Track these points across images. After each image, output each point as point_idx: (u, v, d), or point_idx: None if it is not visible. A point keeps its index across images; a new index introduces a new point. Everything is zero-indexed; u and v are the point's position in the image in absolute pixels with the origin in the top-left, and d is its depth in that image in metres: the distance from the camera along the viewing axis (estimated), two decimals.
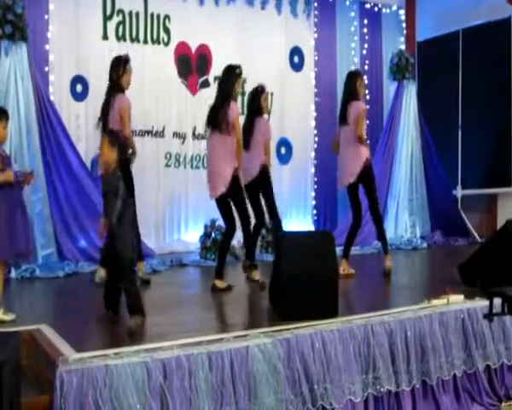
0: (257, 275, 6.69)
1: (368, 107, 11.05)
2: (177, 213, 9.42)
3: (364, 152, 7.14)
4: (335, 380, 4.27)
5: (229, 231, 6.36)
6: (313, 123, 10.67)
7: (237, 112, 6.31)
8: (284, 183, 10.29)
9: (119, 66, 6.73)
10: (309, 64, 10.60)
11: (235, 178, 6.25)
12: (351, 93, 7.24)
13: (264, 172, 6.84)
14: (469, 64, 11.26)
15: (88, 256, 7.71)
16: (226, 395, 3.84)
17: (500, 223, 9.38)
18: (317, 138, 10.69)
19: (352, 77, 7.34)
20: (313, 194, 10.72)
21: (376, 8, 11.31)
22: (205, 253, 8.42)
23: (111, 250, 4.88)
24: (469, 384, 5.07)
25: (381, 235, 7.39)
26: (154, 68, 8.96)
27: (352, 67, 10.95)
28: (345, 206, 9.66)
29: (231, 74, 6.43)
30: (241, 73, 6.49)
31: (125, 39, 8.87)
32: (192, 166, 9.51)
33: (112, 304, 5.01)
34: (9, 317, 4.89)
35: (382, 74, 11.31)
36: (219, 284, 6.23)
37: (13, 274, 6.94)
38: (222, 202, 6.36)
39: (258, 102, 6.93)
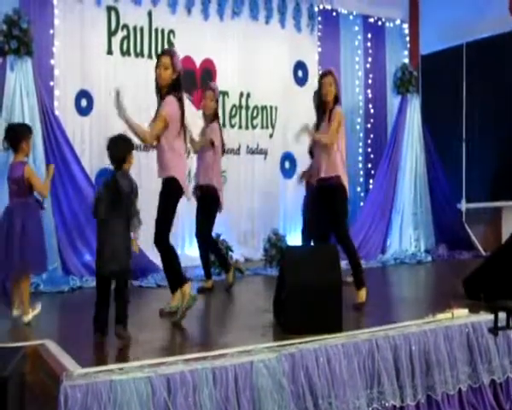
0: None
1: (372, 121, 11.17)
2: (180, 228, 9.38)
3: None
4: (340, 395, 4.26)
5: None
6: None
7: None
8: (288, 197, 10.29)
9: None
10: (313, 78, 10.58)
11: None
12: None
13: None
14: (473, 77, 11.28)
15: (93, 271, 7.65)
16: None
17: (505, 236, 9.37)
18: None
19: None
20: None
21: (380, 23, 11.36)
22: None
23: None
24: (474, 399, 5.04)
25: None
26: None
27: (356, 81, 11.05)
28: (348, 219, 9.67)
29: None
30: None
31: (129, 54, 8.90)
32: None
33: (104, 324, 4.72)
34: (38, 308, 5.26)
35: (386, 88, 11.32)
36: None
37: None
38: None
39: None
